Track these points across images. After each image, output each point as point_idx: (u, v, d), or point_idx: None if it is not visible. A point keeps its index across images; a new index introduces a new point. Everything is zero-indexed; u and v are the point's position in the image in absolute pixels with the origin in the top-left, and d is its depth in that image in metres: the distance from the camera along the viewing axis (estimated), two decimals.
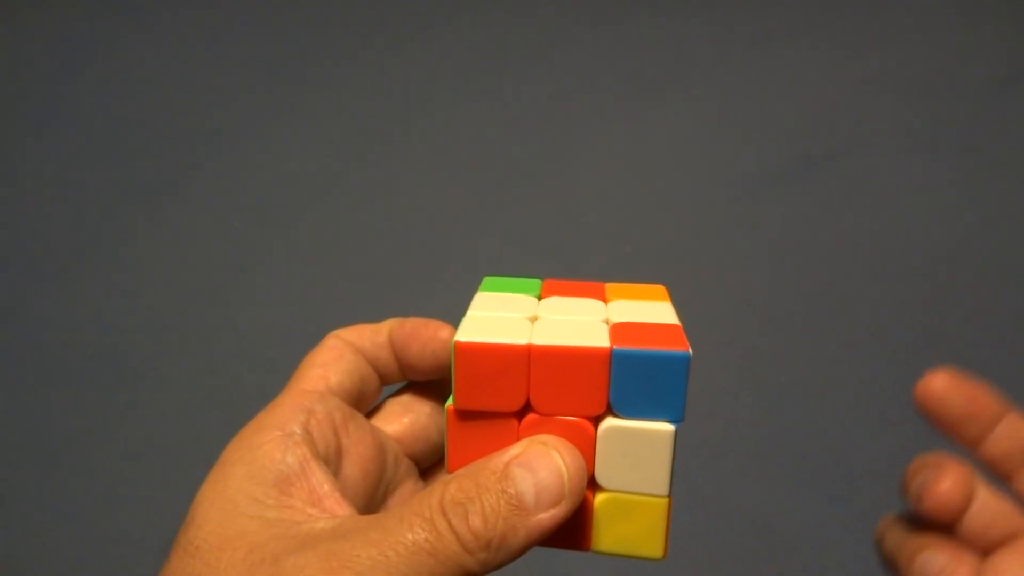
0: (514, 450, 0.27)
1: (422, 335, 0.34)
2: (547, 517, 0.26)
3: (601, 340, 0.29)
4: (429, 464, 0.36)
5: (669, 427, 0.29)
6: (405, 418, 0.35)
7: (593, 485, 0.29)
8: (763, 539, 0.87)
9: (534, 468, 0.27)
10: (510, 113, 1.36)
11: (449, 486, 0.26)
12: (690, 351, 0.28)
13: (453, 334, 0.33)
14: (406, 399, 0.35)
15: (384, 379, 0.35)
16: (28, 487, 0.88)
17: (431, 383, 0.36)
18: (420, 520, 0.25)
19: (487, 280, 0.35)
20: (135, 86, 1.50)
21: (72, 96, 1.48)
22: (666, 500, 0.29)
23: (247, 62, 1.54)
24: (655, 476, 0.29)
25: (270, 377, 0.96)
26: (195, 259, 1.13)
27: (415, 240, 1.14)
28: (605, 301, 0.33)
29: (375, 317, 1.17)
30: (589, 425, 0.29)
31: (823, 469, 0.93)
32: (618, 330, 0.30)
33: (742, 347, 1.07)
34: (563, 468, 0.27)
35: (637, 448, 0.29)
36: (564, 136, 1.31)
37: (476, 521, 0.25)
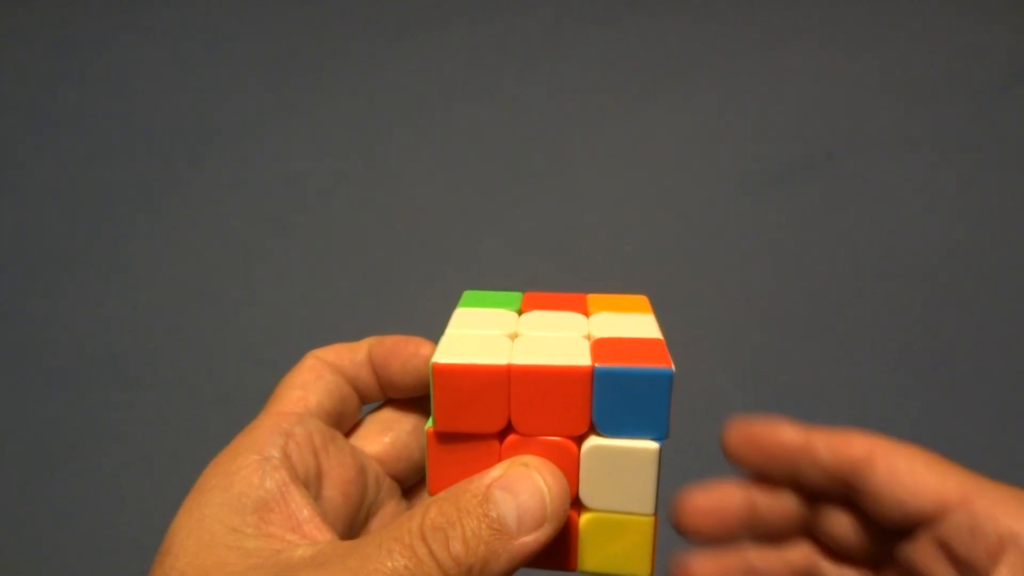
0: (495, 472, 0.27)
1: (403, 352, 0.34)
2: (530, 540, 0.26)
3: (582, 358, 0.28)
4: (412, 483, 0.35)
5: (653, 445, 0.28)
6: (386, 437, 0.34)
7: (578, 504, 0.29)
8: None
9: (515, 491, 0.26)
10: (510, 113, 1.36)
11: (429, 510, 0.26)
12: (673, 367, 0.28)
13: (430, 351, 0.32)
14: (386, 417, 0.35)
15: (364, 398, 0.35)
16: (28, 487, 0.88)
17: (412, 400, 0.35)
18: (399, 546, 0.25)
19: (467, 294, 0.34)
20: (135, 86, 1.50)
21: (72, 96, 1.48)
22: (652, 518, 0.29)
23: (247, 62, 1.54)
24: (640, 495, 0.29)
25: (270, 377, 0.95)
26: (195, 259, 1.13)
27: (415, 240, 1.14)
28: (587, 314, 0.33)
29: (376, 317, 1.16)
30: (572, 444, 0.28)
31: None
32: (599, 347, 0.29)
33: (742, 347, 1.07)
34: (545, 490, 0.26)
35: (621, 467, 0.28)
36: (564, 136, 1.31)
37: (457, 546, 0.25)
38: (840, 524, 0.34)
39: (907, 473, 0.31)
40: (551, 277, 1.09)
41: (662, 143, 1.29)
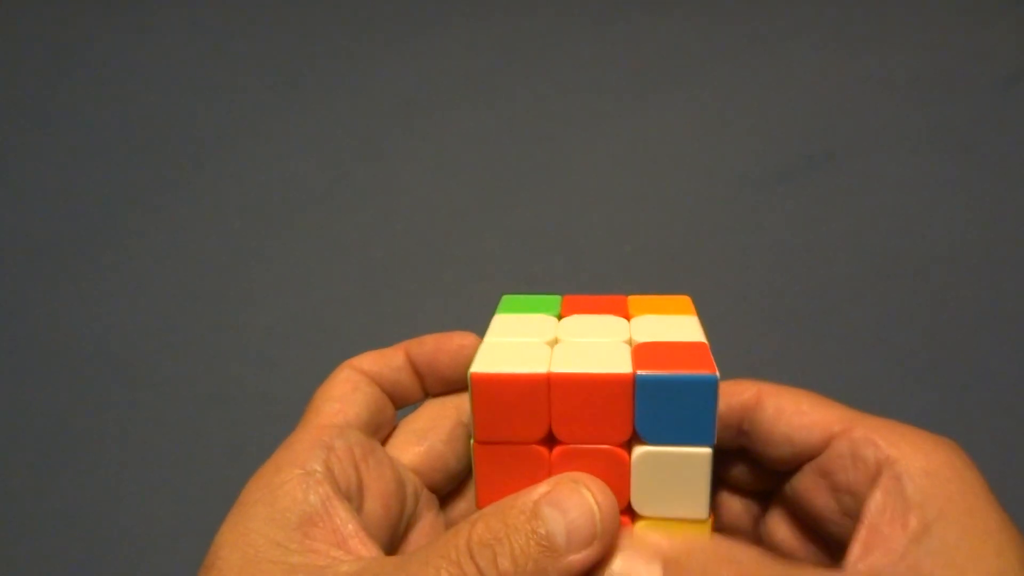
0: (543, 488, 0.26)
1: (448, 348, 0.34)
2: (579, 559, 0.25)
3: (623, 365, 0.27)
4: (447, 493, 0.35)
5: (705, 449, 0.28)
6: (420, 447, 0.34)
7: (630, 512, 0.29)
8: None
9: (564, 507, 0.26)
10: (510, 113, 1.36)
11: (476, 526, 0.25)
12: (717, 373, 0.27)
13: (475, 342, 0.32)
14: (420, 427, 0.34)
15: (401, 402, 0.35)
16: (28, 487, 0.88)
17: (446, 408, 0.35)
18: (446, 563, 0.24)
19: (505, 299, 0.34)
20: (135, 85, 1.49)
21: (71, 95, 1.47)
22: (707, 523, 0.29)
23: (247, 62, 1.53)
24: (693, 499, 0.28)
25: (270, 377, 0.95)
26: (195, 259, 1.12)
27: (416, 239, 1.13)
28: (628, 317, 0.32)
29: (378, 317, 1.15)
30: (623, 452, 0.28)
31: None
32: (641, 352, 0.28)
33: (742, 347, 1.07)
34: (595, 507, 0.26)
35: (673, 473, 0.28)
36: (564, 136, 1.30)
37: (505, 563, 0.24)
38: (733, 469, 0.35)
39: (793, 410, 0.32)
40: (551, 277, 1.09)
41: (662, 143, 1.29)
